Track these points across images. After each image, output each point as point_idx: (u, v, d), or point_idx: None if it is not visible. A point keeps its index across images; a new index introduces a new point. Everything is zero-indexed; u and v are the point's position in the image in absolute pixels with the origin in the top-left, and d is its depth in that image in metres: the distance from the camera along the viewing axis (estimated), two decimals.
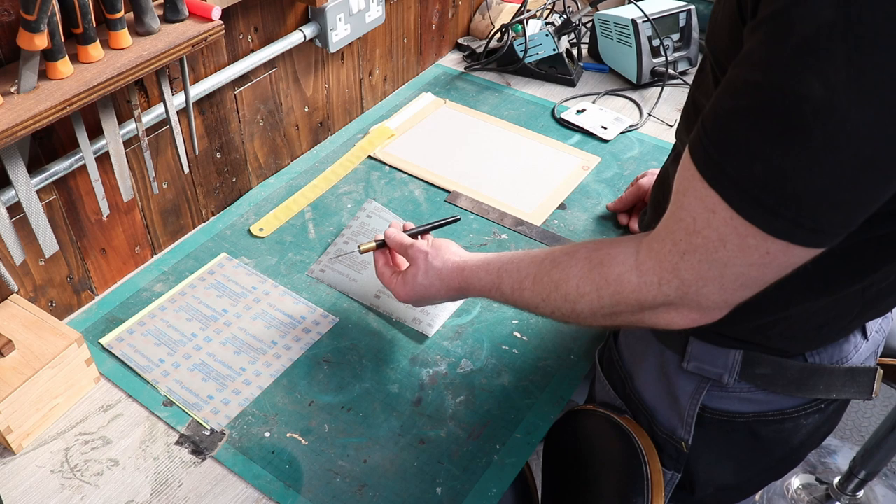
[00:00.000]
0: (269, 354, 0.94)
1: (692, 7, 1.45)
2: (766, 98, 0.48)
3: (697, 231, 0.55)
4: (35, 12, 0.69)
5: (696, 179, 0.54)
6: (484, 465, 0.83)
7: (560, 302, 0.70)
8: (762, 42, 0.48)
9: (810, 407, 0.77)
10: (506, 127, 1.36)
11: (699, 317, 0.62)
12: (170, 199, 1.07)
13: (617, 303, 0.64)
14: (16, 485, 0.80)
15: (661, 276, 0.60)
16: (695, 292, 0.59)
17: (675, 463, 0.83)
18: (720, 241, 0.54)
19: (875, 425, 1.51)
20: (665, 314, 0.63)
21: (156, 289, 1.03)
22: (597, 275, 0.66)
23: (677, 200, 0.57)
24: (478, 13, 1.61)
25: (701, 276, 0.57)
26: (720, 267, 0.55)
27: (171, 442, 0.84)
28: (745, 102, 0.50)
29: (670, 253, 0.59)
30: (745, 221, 0.52)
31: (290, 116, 1.23)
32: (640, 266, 0.62)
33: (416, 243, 0.87)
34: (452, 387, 0.91)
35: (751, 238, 0.52)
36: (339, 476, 0.81)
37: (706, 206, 0.54)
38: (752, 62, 0.49)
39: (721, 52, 0.60)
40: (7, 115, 0.72)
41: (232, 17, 1.03)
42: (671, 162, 0.81)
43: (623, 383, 0.86)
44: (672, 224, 0.58)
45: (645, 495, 0.78)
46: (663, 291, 0.60)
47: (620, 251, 0.65)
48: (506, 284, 0.76)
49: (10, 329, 0.85)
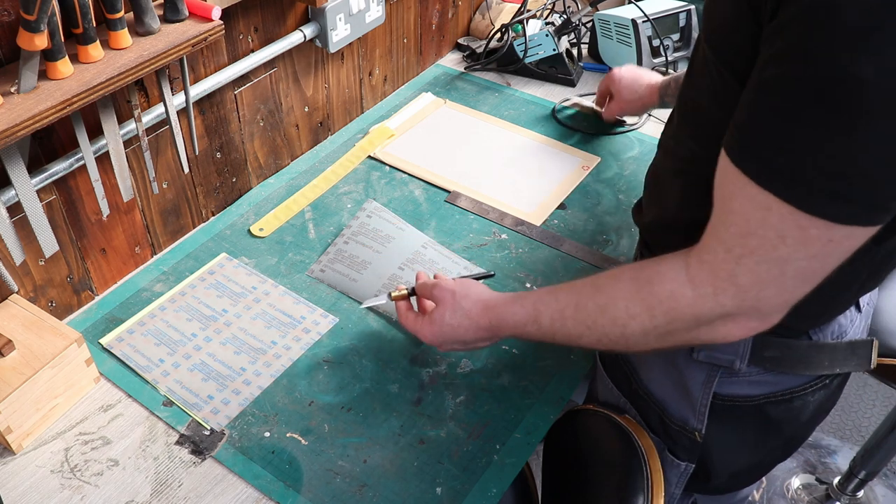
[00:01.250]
0: (269, 354, 0.94)
1: (692, 7, 1.45)
2: (819, 88, 0.49)
3: (752, 233, 0.55)
4: (35, 12, 0.69)
5: (744, 183, 0.54)
6: (484, 465, 0.83)
7: (608, 326, 0.68)
8: (804, 36, 0.49)
9: (817, 383, 0.78)
10: (506, 127, 1.36)
11: (758, 324, 0.61)
12: (170, 199, 1.07)
13: (672, 320, 0.63)
14: (16, 485, 0.80)
15: (716, 286, 0.60)
16: (753, 297, 0.58)
17: (688, 454, 0.84)
18: (779, 238, 0.54)
19: (875, 425, 1.51)
20: (722, 327, 0.62)
21: (156, 289, 1.03)
22: (646, 293, 0.65)
23: (724, 206, 0.57)
24: (478, 13, 1.61)
25: (759, 278, 0.57)
26: (780, 265, 0.56)
27: (171, 442, 0.84)
28: (794, 97, 0.50)
29: (724, 261, 0.58)
30: (805, 214, 0.52)
31: (290, 116, 1.23)
32: (693, 279, 0.61)
33: (440, 283, 0.84)
34: (452, 387, 0.91)
35: (813, 229, 0.53)
36: (339, 476, 0.81)
37: (759, 206, 0.54)
38: (792, 57, 0.50)
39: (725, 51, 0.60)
40: (7, 115, 0.72)
41: (232, 17, 1.03)
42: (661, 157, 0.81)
43: (628, 380, 0.86)
44: (722, 231, 0.58)
45: (645, 495, 0.78)
46: (720, 302, 0.60)
47: (669, 267, 0.64)
48: (544, 316, 0.74)
49: (10, 329, 0.85)
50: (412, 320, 0.85)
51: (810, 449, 1.76)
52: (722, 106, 0.64)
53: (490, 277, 0.95)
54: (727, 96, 0.62)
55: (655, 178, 0.81)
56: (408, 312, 0.87)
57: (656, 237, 0.82)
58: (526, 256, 1.09)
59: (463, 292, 0.82)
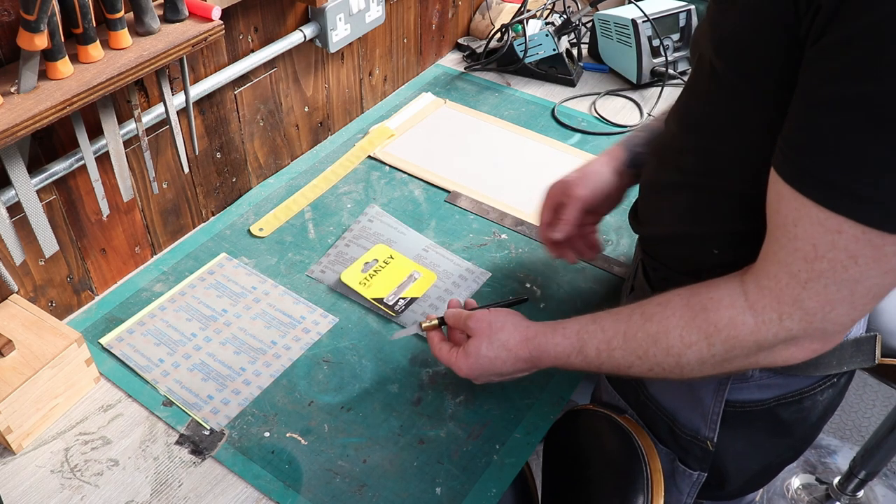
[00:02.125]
0: (268, 354, 0.94)
1: (692, 7, 1.45)
2: (888, 105, 0.48)
3: (820, 257, 0.55)
4: (35, 12, 0.69)
5: (808, 206, 0.54)
6: (484, 465, 0.83)
7: (661, 357, 0.66)
8: (871, 52, 0.48)
9: (825, 382, 0.78)
10: (506, 127, 1.36)
11: (821, 345, 0.61)
12: (170, 199, 1.07)
13: (731, 348, 0.62)
14: (16, 485, 0.80)
15: (781, 312, 0.59)
16: (821, 319, 0.58)
17: (700, 463, 0.83)
18: (850, 260, 0.54)
19: (875, 425, 1.51)
20: (784, 351, 0.61)
21: (156, 289, 1.03)
22: (702, 321, 0.63)
23: (786, 232, 0.57)
24: (478, 13, 1.61)
25: (828, 300, 0.56)
26: (851, 285, 0.55)
27: (171, 442, 0.84)
28: (862, 115, 0.49)
29: (788, 286, 0.58)
30: (880, 233, 0.52)
31: (290, 116, 1.23)
32: (754, 305, 0.60)
33: (475, 314, 0.81)
34: (452, 387, 0.91)
35: (888, 246, 0.52)
36: (339, 476, 0.81)
37: (828, 230, 0.53)
38: (859, 75, 0.49)
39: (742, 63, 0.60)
40: (7, 115, 0.72)
41: (232, 17, 1.03)
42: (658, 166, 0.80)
43: (636, 391, 0.86)
44: (784, 256, 0.57)
45: (645, 495, 0.78)
46: (785, 326, 0.59)
47: (725, 294, 0.63)
48: (589, 347, 0.72)
49: (10, 329, 0.85)
50: (446, 353, 0.82)
51: (810, 449, 1.76)
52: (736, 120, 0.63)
53: (523, 303, 0.91)
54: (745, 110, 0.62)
55: (653, 189, 0.80)
56: (441, 344, 0.83)
57: (656, 249, 0.81)
58: (526, 256, 1.09)
59: (499, 324, 0.78)
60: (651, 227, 0.80)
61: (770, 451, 0.84)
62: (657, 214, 0.79)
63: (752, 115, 0.61)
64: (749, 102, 0.61)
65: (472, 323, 0.80)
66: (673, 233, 0.76)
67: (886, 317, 1.20)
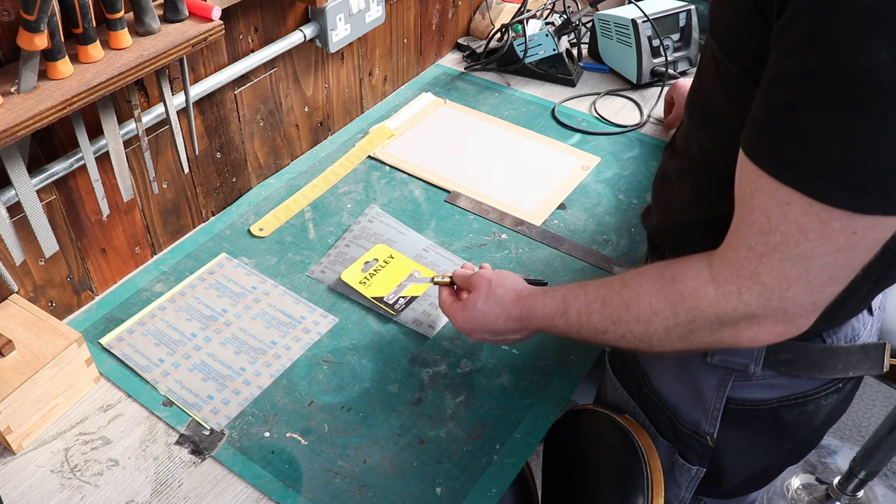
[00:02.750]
0: (268, 354, 0.94)
1: (692, 7, 1.45)
2: (831, 79, 0.49)
3: (773, 229, 0.55)
4: (35, 12, 0.69)
5: (763, 178, 0.54)
6: (484, 465, 0.83)
7: (632, 323, 0.68)
8: (811, 28, 0.49)
9: (830, 387, 0.78)
10: (506, 127, 1.36)
11: (785, 328, 0.60)
12: (170, 199, 1.07)
13: (693, 318, 0.63)
14: (16, 485, 0.80)
15: (739, 285, 0.59)
16: (779, 297, 0.58)
17: (699, 458, 0.83)
18: (801, 233, 0.54)
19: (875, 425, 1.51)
20: (747, 329, 0.61)
21: (156, 289, 1.03)
22: (669, 290, 0.64)
23: (745, 204, 0.57)
24: (478, 13, 1.61)
25: (784, 276, 0.56)
26: (804, 261, 0.55)
27: (171, 442, 0.84)
28: (807, 90, 0.50)
29: (746, 258, 0.58)
30: (826, 206, 0.52)
31: (290, 116, 1.23)
32: (716, 277, 0.61)
33: (480, 271, 0.85)
34: (452, 387, 0.91)
35: (835, 221, 0.52)
36: (339, 476, 0.81)
37: (779, 201, 0.54)
38: (803, 50, 0.50)
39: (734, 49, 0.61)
40: (7, 115, 0.72)
41: (232, 17, 1.03)
42: (668, 158, 0.81)
43: (639, 384, 0.86)
44: (743, 229, 0.58)
45: (645, 494, 0.78)
46: (744, 301, 0.59)
47: (693, 265, 0.64)
48: (572, 309, 0.73)
49: (10, 329, 0.85)
50: (448, 304, 0.86)
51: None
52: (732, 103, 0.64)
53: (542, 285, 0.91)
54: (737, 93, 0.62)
55: (663, 180, 0.80)
56: (447, 297, 0.87)
57: (664, 238, 0.82)
58: (526, 256, 1.09)
59: (498, 281, 0.81)
60: (661, 216, 0.81)
61: (770, 451, 0.84)
62: (667, 203, 0.79)
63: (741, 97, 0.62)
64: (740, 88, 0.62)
65: (475, 279, 0.83)
66: (681, 220, 0.76)
67: (886, 317, 1.20)
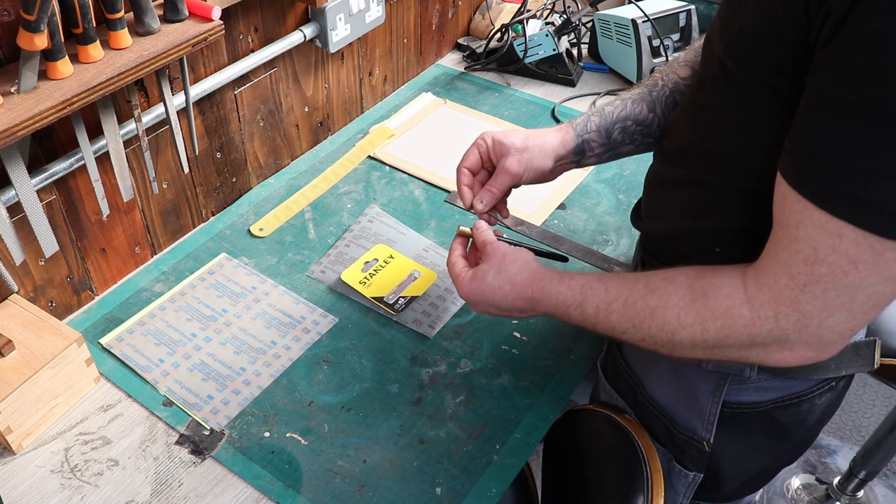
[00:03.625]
0: (268, 354, 0.94)
1: (692, 7, 1.45)
2: (888, 111, 0.48)
3: (820, 260, 0.54)
4: (35, 12, 0.69)
5: (810, 209, 0.54)
6: (484, 465, 0.83)
7: (656, 330, 0.67)
8: (875, 57, 0.48)
9: (823, 386, 0.78)
10: (506, 127, 1.36)
11: (816, 354, 0.60)
12: (170, 199, 1.07)
13: (725, 337, 0.62)
14: (16, 485, 0.80)
15: (777, 311, 0.59)
16: (817, 325, 0.57)
17: (696, 464, 0.83)
18: (850, 265, 0.53)
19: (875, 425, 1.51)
20: (777, 353, 0.61)
21: (156, 289, 1.03)
22: (701, 306, 0.64)
23: (788, 234, 0.56)
24: (478, 13, 1.61)
25: (826, 305, 0.56)
26: (850, 291, 0.55)
27: (171, 442, 0.84)
28: (865, 120, 0.50)
29: (787, 287, 0.57)
30: (881, 239, 0.51)
31: (290, 116, 1.23)
32: (752, 300, 0.60)
33: (498, 242, 0.81)
34: (452, 387, 0.91)
35: (889, 252, 0.52)
36: (339, 476, 0.81)
37: (829, 233, 0.53)
38: (863, 79, 0.49)
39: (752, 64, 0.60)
40: (7, 115, 0.72)
41: (232, 17, 1.03)
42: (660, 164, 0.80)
43: (634, 391, 0.86)
44: (786, 257, 0.57)
45: (645, 494, 0.78)
46: (781, 325, 0.59)
47: (726, 282, 0.63)
48: (590, 303, 0.72)
49: (10, 329, 0.85)
50: (457, 268, 0.82)
51: (810, 449, 1.76)
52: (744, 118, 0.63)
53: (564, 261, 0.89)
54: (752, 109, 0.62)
55: (656, 187, 0.80)
56: (458, 258, 0.83)
57: (657, 247, 0.81)
58: None
59: (513, 258, 0.78)
60: (654, 223, 0.80)
61: (767, 453, 0.84)
62: (660, 210, 0.79)
63: (759, 114, 0.61)
64: (757, 102, 0.61)
65: (490, 248, 0.80)
66: (675, 229, 0.76)
67: (886, 317, 1.20)
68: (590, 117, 0.87)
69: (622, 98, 0.87)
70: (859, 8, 0.48)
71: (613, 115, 0.86)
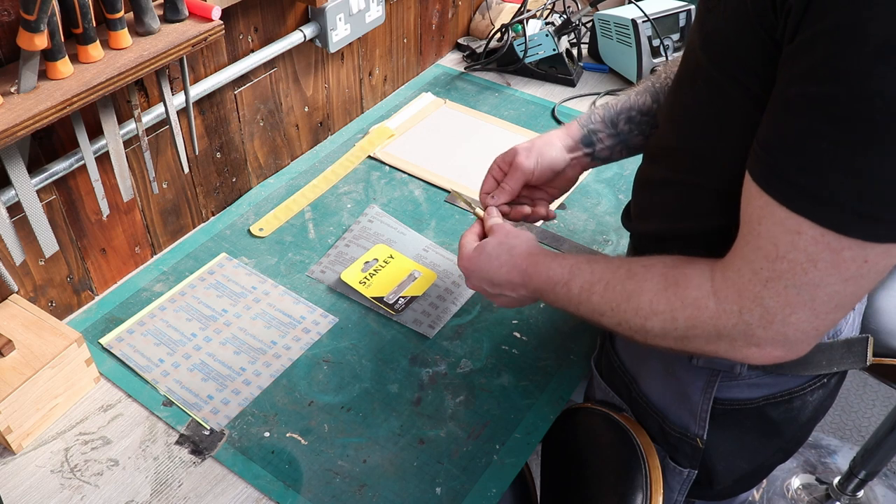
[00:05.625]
0: (268, 354, 0.94)
1: (692, 7, 1.45)
2: (849, 108, 0.48)
3: (781, 257, 0.54)
4: (35, 12, 0.69)
5: (771, 206, 0.54)
6: (484, 465, 0.83)
7: (630, 314, 0.67)
8: (829, 55, 0.48)
9: (815, 383, 0.78)
10: (506, 127, 1.36)
11: (783, 353, 0.60)
12: (170, 199, 1.07)
13: (692, 327, 0.63)
14: (16, 485, 0.80)
15: (741, 305, 0.59)
16: (781, 321, 0.57)
17: (690, 460, 0.83)
18: (809, 262, 0.53)
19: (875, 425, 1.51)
20: (745, 349, 0.61)
21: (156, 289, 1.03)
22: (671, 294, 0.64)
23: (751, 229, 0.57)
24: (478, 13, 1.61)
25: (788, 302, 0.56)
26: (811, 289, 0.55)
27: (171, 442, 0.84)
28: (823, 118, 0.49)
29: (750, 282, 0.57)
30: (838, 236, 0.51)
31: (290, 116, 1.23)
32: (718, 293, 0.61)
33: (505, 222, 0.84)
34: (452, 387, 0.91)
35: (847, 251, 0.52)
36: (339, 476, 0.81)
37: (788, 230, 0.53)
38: (819, 77, 0.49)
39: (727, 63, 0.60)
40: (7, 115, 0.72)
41: (232, 17, 1.03)
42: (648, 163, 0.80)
43: (628, 388, 0.86)
44: (749, 253, 0.57)
45: (644, 493, 0.78)
46: (745, 320, 0.59)
47: (696, 273, 0.63)
48: (575, 283, 0.73)
49: (10, 329, 0.85)
50: (464, 240, 0.84)
51: (810, 449, 1.76)
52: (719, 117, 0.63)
53: None
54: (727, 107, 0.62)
55: (643, 187, 0.80)
56: (470, 234, 0.85)
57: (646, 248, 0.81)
58: None
59: (516, 233, 0.81)
60: (641, 223, 0.81)
61: (759, 450, 0.84)
62: (647, 211, 0.79)
63: (735, 112, 0.61)
64: (731, 100, 0.61)
65: (496, 226, 0.83)
66: (662, 230, 0.76)
67: (886, 317, 1.20)
68: (594, 111, 0.89)
69: (626, 92, 0.89)
70: (815, 4, 0.49)
71: (618, 107, 0.87)
